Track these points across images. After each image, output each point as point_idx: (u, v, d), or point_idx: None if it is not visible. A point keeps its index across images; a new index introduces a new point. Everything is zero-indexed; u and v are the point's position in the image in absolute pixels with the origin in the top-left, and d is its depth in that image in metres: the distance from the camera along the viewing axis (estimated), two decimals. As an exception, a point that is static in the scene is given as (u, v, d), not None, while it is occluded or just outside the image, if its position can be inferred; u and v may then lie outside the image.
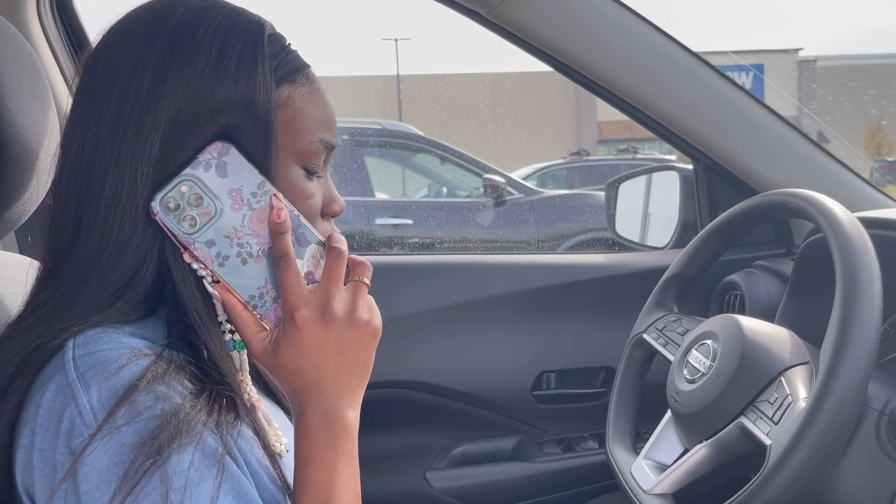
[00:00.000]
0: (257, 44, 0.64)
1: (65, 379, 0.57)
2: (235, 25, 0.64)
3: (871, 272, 0.84)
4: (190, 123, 0.61)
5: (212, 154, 0.62)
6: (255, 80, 0.63)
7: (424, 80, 25.45)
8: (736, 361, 0.91)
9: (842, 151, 1.51)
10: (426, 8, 69.99)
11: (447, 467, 1.44)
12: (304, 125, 0.65)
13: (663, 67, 1.31)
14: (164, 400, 0.56)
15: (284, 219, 0.63)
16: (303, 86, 0.66)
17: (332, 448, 0.62)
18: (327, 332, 0.62)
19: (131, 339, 0.59)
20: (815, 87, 24.22)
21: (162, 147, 0.61)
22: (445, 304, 1.43)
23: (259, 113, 0.63)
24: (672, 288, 1.17)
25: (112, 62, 0.63)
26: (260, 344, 0.63)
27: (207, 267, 0.62)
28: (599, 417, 1.24)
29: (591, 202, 6.03)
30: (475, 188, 6.20)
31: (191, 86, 0.61)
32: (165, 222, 0.61)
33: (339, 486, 0.62)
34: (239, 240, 0.63)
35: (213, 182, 0.62)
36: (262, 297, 0.64)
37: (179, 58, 0.62)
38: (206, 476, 0.55)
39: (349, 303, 0.64)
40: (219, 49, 0.62)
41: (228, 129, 0.62)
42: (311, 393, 0.63)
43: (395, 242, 5.52)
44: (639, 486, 1.00)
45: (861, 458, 0.84)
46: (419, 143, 6.33)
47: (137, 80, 0.61)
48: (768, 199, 1.04)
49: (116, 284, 0.61)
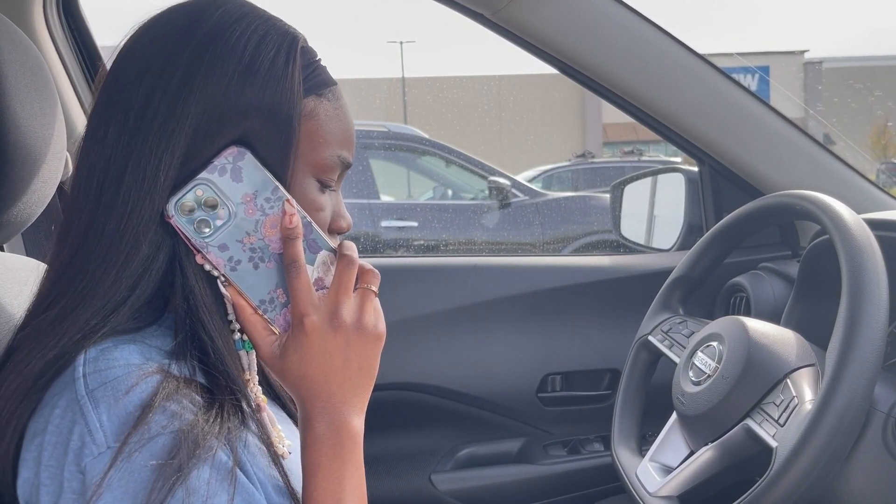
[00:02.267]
0: (290, 52, 0.65)
1: (74, 396, 0.57)
2: (271, 32, 0.65)
3: (878, 274, 0.84)
4: (215, 122, 0.62)
5: (227, 159, 0.62)
6: (284, 86, 0.63)
7: (429, 83, 25.46)
8: (742, 363, 0.91)
9: (848, 153, 1.51)
10: (431, 10, 70.10)
11: (452, 469, 1.44)
12: (324, 138, 0.66)
13: (668, 69, 1.31)
14: (178, 418, 0.56)
15: (296, 224, 0.63)
16: (329, 100, 0.67)
17: (339, 456, 0.63)
18: (335, 339, 0.63)
19: (141, 355, 0.59)
20: (821, 88, 24.16)
21: (187, 143, 0.61)
22: (450, 306, 1.43)
23: (283, 119, 0.63)
24: (677, 290, 1.17)
25: (146, 54, 0.63)
26: (269, 348, 0.64)
27: (219, 271, 0.63)
28: (605, 420, 1.24)
29: (596, 204, 6.02)
30: (480, 190, 6.20)
31: (221, 85, 0.62)
32: (180, 225, 0.62)
33: (346, 493, 0.62)
34: (251, 244, 0.63)
35: (228, 186, 0.62)
36: (273, 301, 0.64)
37: (213, 56, 0.62)
38: (221, 489, 0.56)
39: (357, 310, 0.64)
40: (252, 52, 0.63)
41: (248, 134, 0.63)
42: (318, 399, 0.63)
43: (400, 245, 5.52)
44: (644, 489, 1.00)
45: (867, 461, 0.84)
46: (424, 145, 6.33)
47: (169, 72, 0.62)
48: (774, 201, 1.04)
49: (135, 273, 0.61)
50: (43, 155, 0.74)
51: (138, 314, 0.62)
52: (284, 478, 0.64)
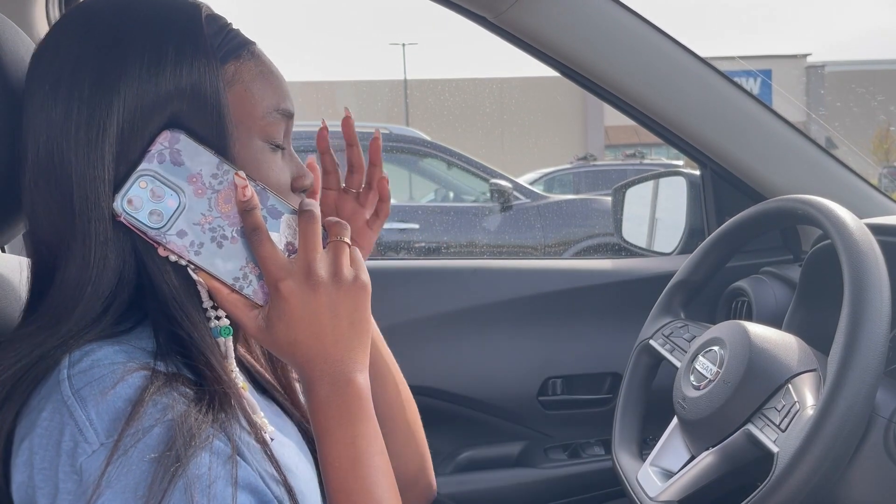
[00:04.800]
0: (195, 29, 0.63)
1: (60, 397, 0.56)
2: (171, 12, 0.63)
3: (880, 279, 0.84)
4: (139, 116, 0.60)
5: (163, 144, 0.61)
6: (198, 65, 0.62)
7: (431, 85, 25.48)
8: (743, 368, 0.91)
9: (850, 157, 1.50)
10: (433, 13, 70.16)
11: (452, 473, 1.44)
12: (255, 98, 0.65)
13: (671, 72, 1.30)
14: (171, 409, 0.55)
15: (250, 195, 0.62)
16: (248, 60, 0.65)
17: (347, 416, 0.62)
18: (316, 298, 0.62)
19: (125, 355, 0.59)
20: (824, 92, 24.16)
21: (117, 143, 0.60)
22: (451, 308, 1.43)
23: (208, 95, 0.62)
24: (679, 294, 1.17)
25: (52, 65, 0.62)
26: (254, 323, 0.63)
27: (185, 258, 0.62)
28: (605, 423, 1.24)
29: (597, 207, 6.01)
30: (482, 193, 6.19)
31: (134, 78, 0.60)
32: (132, 222, 0.60)
33: (362, 450, 0.61)
34: (210, 224, 0.62)
35: (171, 171, 0.61)
36: (246, 276, 0.63)
37: (117, 55, 0.61)
38: (221, 475, 0.55)
39: (332, 264, 0.63)
40: (155, 43, 0.61)
41: (178, 116, 0.61)
42: (316, 362, 0.62)
43: (402, 247, 5.52)
44: (645, 493, 1.00)
45: (869, 467, 0.84)
46: (426, 147, 6.33)
47: (80, 79, 0.60)
48: (776, 205, 1.04)
49: (110, 285, 0.60)
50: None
51: (121, 319, 0.61)
52: (274, 463, 0.62)
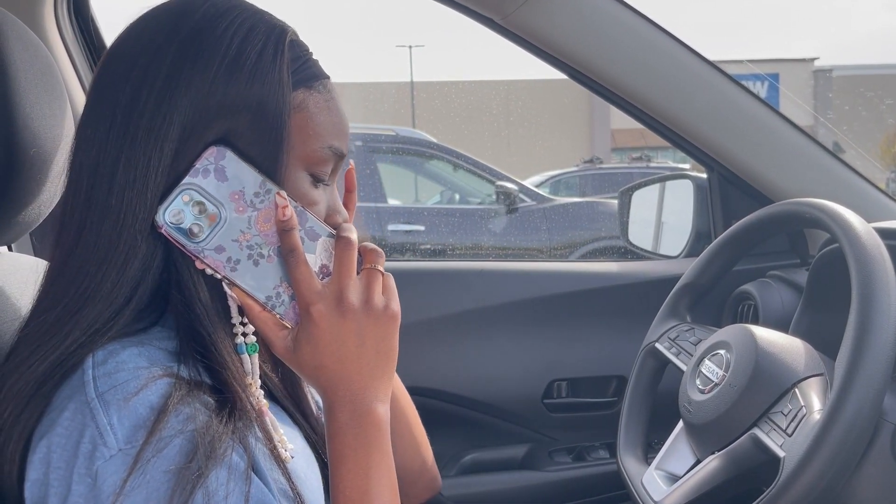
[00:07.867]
0: (277, 46, 0.64)
1: (84, 398, 0.56)
2: (258, 26, 0.64)
3: (888, 283, 0.83)
4: (203, 118, 0.61)
5: (209, 159, 0.61)
6: (272, 80, 0.62)
7: (438, 87, 25.49)
8: (749, 372, 0.90)
9: (858, 161, 1.50)
10: (441, 15, 70.20)
11: (457, 475, 1.44)
12: (315, 130, 0.65)
13: (678, 75, 1.30)
14: (193, 420, 0.56)
15: (290, 216, 0.62)
16: (319, 93, 0.66)
17: (364, 446, 0.62)
18: (345, 324, 0.62)
19: (147, 359, 0.59)
20: (832, 96, 24.09)
21: (177, 140, 0.61)
22: (456, 310, 1.43)
23: (271, 114, 0.62)
24: (685, 297, 1.16)
25: (132, 52, 0.63)
26: (282, 343, 0.63)
27: (220, 273, 0.62)
28: (610, 427, 1.24)
29: (604, 210, 6.01)
30: (488, 195, 6.20)
31: (206, 80, 0.61)
32: (171, 235, 0.61)
33: (374, 483, 0.61)
34: (248, 242, 0.62)
35: (214, 187, 0.61)
36: (279, 296, 0.63)
37: (198, 51, 0.61)
38: (237, 489, 0.56)
39: (364, 291, 0.63)
40: (238, 46, 0.62)
41: (236, 130, 0.62)
42: (338, 387, 0.62)
43: (407, 249, 5.52)
44: (650, 497, 0.99)
45: (876, 472, 0.83)
46: (432, 149, 6.34)
47: (155, 69, 0.61)
48: (783, 209, 1.03)
49: (136, 274, 0.60)
50: (52, 155, 0.74)
51: (141, 315, 0.61)
52: (289, 481, 0.63)
